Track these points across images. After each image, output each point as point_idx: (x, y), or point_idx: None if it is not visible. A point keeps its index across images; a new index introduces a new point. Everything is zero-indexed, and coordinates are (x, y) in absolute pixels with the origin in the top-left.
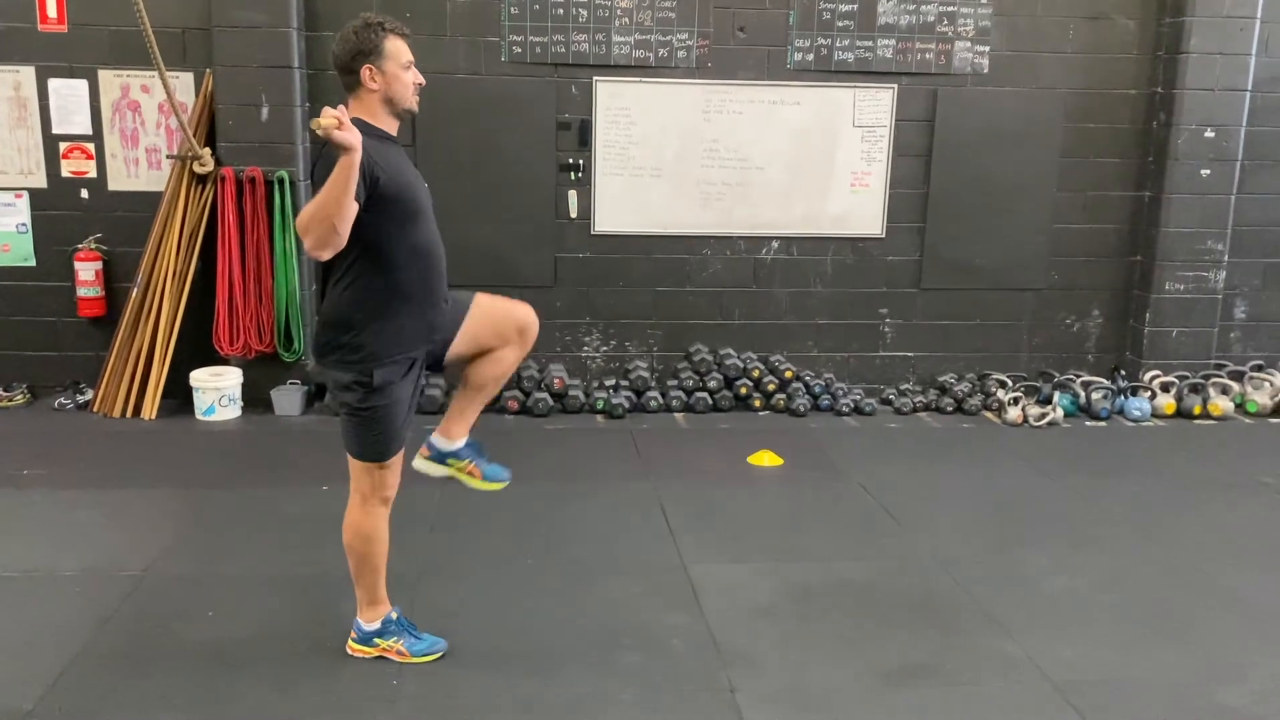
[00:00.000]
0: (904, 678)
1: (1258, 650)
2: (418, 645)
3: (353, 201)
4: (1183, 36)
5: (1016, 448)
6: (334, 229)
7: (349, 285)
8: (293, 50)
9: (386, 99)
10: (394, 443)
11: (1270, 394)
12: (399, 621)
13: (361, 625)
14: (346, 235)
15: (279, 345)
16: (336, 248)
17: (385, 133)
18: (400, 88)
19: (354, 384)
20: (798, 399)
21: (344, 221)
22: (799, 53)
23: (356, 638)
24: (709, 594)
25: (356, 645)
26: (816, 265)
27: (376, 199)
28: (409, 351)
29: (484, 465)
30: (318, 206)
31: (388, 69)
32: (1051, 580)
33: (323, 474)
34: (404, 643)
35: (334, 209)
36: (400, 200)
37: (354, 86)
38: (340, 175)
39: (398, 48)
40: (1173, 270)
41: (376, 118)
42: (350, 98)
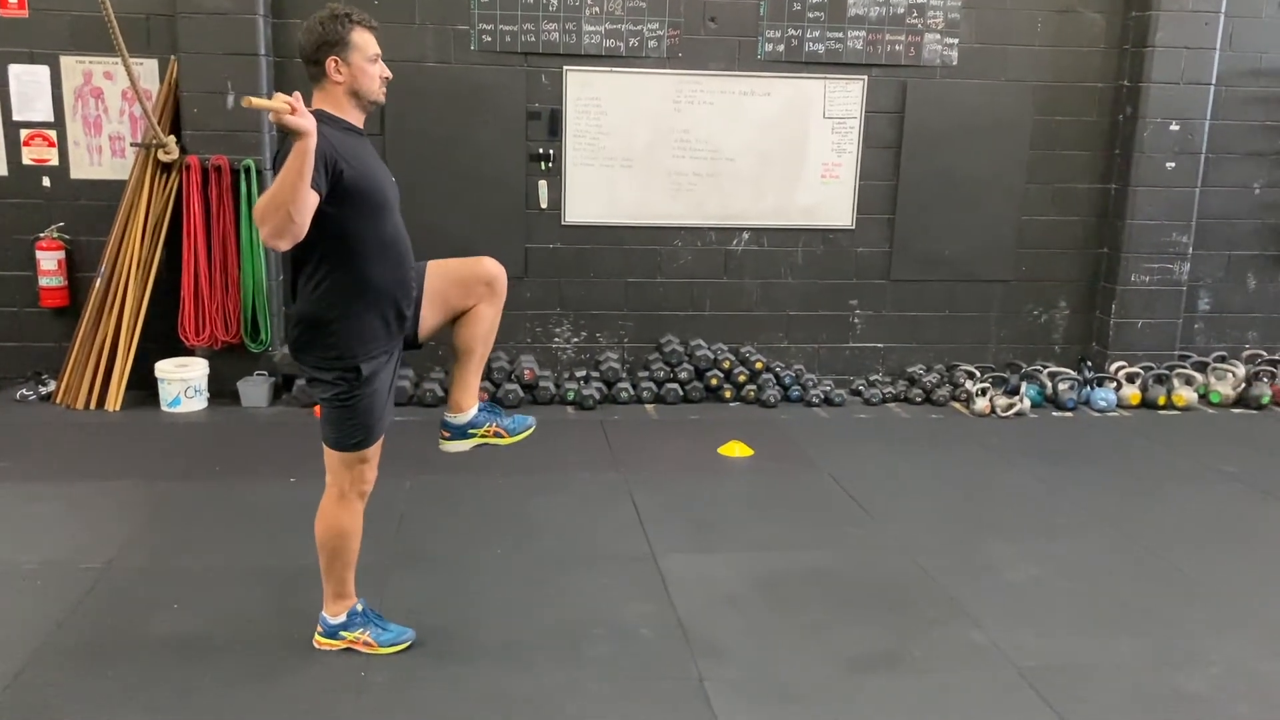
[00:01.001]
0: (871, 666)
1: (1217, 636)
2: (384, 635)
3: (311, 190)
4: (1149, 30)
5: (984, 438)
6: (290, 217)
7: (320, 281)
8: (259, 37)
9: (352, 91)
10: (374, 432)
11: (1233, 384)
12: (364, 613)
13: (327, 619)
14: (305, 225)
15: (245, 336)
16: (295, 238)
17: (350, 125)
18: (366, 80)
19: (336, 379)
20: (768, 390)
21: (300, 210)
22: (769, 43)
23: (323, 632)
24: (678, 584)
25: (323, 639)
26: (787, 256)
27: (341, 192)
28: (384, 344)
29: (505, 421)
30: (273, 194)
31: (354, 61)
32: (1017, 569)
33: (290, 466)
34: (370, 633)
35: (289, 195)
36: (366, 193)
37: (319, 78)
38: (294, 161)
39: (365, 40)
40: (1138, 262)
41: (342, 109)
42: (315, 89)
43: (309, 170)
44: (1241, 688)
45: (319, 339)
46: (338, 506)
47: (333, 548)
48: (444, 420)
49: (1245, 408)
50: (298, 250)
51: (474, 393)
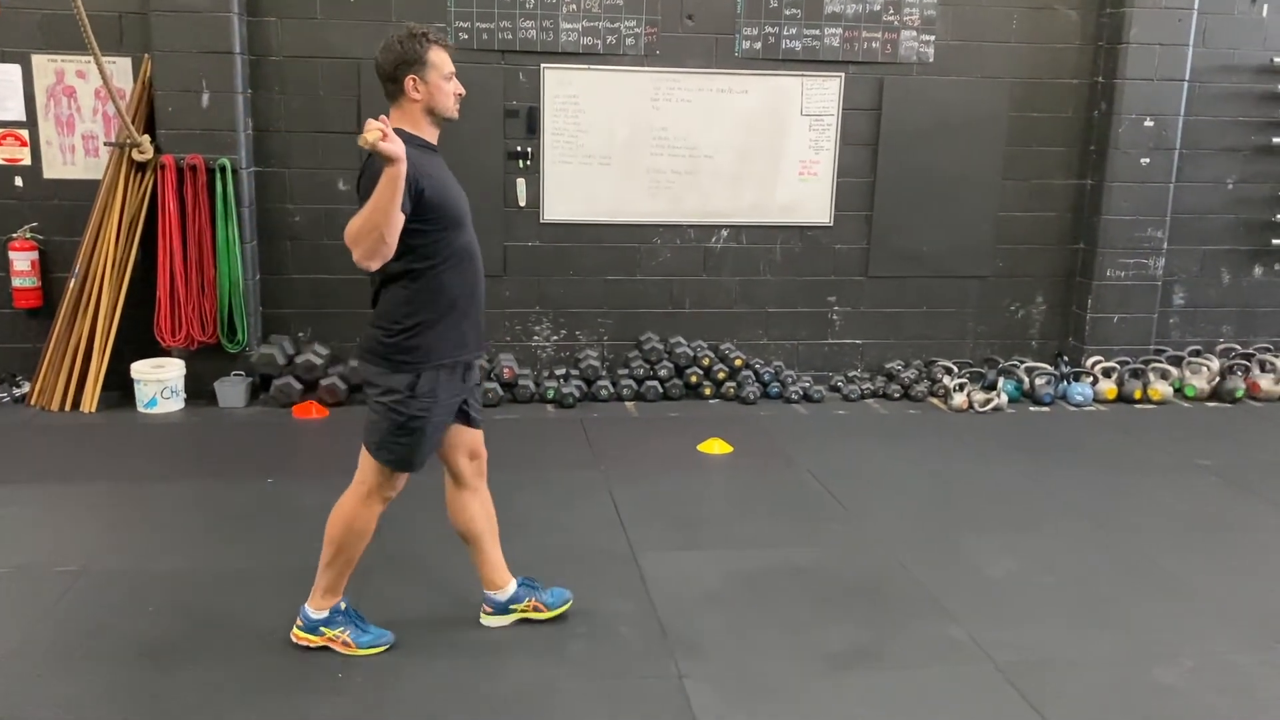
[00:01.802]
0: (849, 662)
1: (1192, 629)
2: (363, 637)
3: (399, 212)
4: (1123, 27)
5: (961, 433)
6: (382, 239)
7: (398, 289)
8: (234, 35)
9: (429, 109)
10: (423, 455)
11: (1207, 378)
12: (346, 612)
13: (309, 613)
14: (394, 245)
15: (222, 336)
16: (385, 258)
17: (426, 142)
18: (442, 98)
19: (404, 386)
20: (747, 387)
21: (392, 232)
22: (747, 41)
23: (303, 625)
24: (657, 581)
25: (302, 633)
26: (766, 253)
27: (422, 208)
28: (457, 355)
29: (543, 596)
30: (365, 219)
31: (431, 79)
32: (995, 564)
33: (267, 467)
34: (350, 633)
35: (381, 220)
36: (444, 208)
37: (396, 95)
38: (387, 187)
39: (441, 58)
40: (1113, 258)
41: (418, 127)
42: (392, 106)
43: (400, 195)
44: (1217, 680)
45: (394, 343)
46: (361, 505)
47: (342, 543)
48: (485, 594)
49: (1220, 401)
50: (384, 266)
51: (503, 567)
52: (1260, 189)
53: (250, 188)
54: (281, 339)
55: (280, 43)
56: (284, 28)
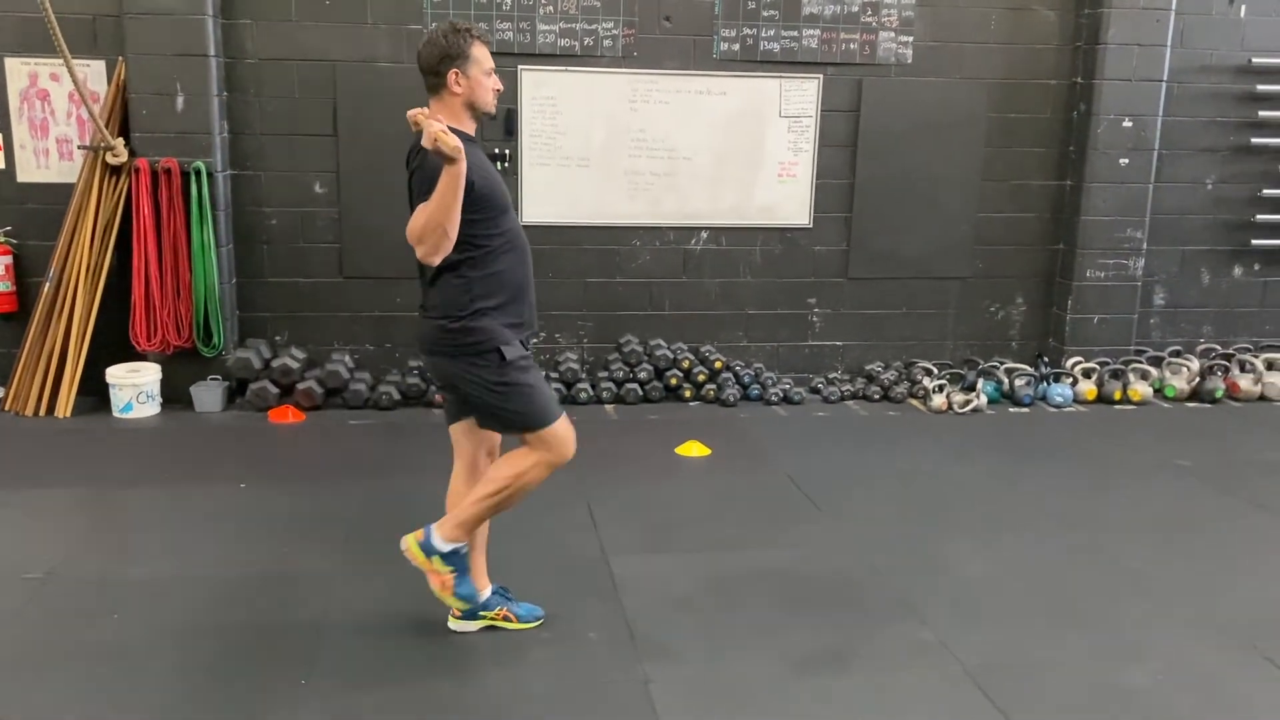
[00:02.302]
0: (817, 665)
1: (1161, 631)
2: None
3: (459, 209)
4: (1101, 27)
5: (940, 435)
6: (445, 234)
7: (454, 279)
8: (208, 38)
9: (469, 103)
10: (550, 402)
11: (1187, 378)
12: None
13: (434, 537)
14: (454, 239)
15: (198, 340)
16: (446, 252)
17: (468, 134)
18: (482, 92)
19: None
20: (727, 389)
21: (454, 228)
22: (725, 42)
23: (421, 541)
24: (628, 585)
25: (417, 548)
26: (745, 255)
27: (473, 199)
28: (520, 333)
29: (515, 608)
30: (429, 216)
31: (472, 74)
32: (967, 566)
33: (241, 471)
34: (455, 579)
35: (444, 217)
36: (491, 198)
37: (439, 89)
38: (450, 185)
39: (482, 54)
40: (1093, 258)
41: (459, 120)
42: (433, 99)
43: (461, 193)
44: (1184, 681)
45: (457, 326)
46: (533, 463)
47: (497, 496)
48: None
49: (1200, 401)
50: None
51: (484, 574)
52: (1239, 189)
53: (226, 191)
54: (258, 343)
55: (255, 45)
56: (259, 30)
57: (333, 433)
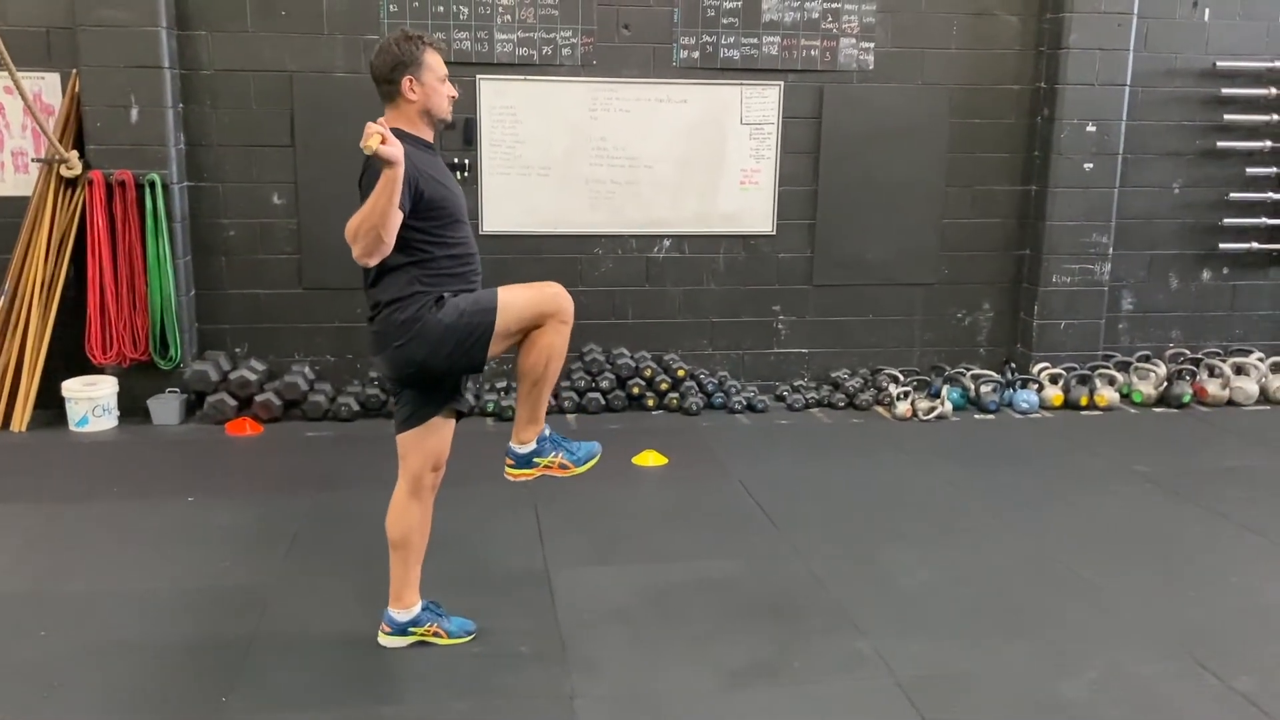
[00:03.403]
0: (748, 678)
1: (1103, 640)
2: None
3: (398, 210)
4: (1063, 32)
5: (902, 442)
6: (380, 238)
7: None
8: (162, 50)
9: (424, 110)
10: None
11: (1155, 384)
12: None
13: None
14: (392, 242)
15: (155, 353)
16: (383, 254)
17: (425, 141)
18: (438, 99)
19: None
20: (690, 397)
21: (389, 230)
22: (684, 50)
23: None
24: (567, 598)
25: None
26: (709, 263)
27: (421, 206)
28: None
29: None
30: (364, 217)
31: (427, 80)
32: (913, 575)
33: (193, 485)
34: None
35: (379, 219)
36: (443, 207)
37: (393, 96)
38: (385, 188)
39: (435, 61)
40: (1059, 263)
41: (415, 126)
42: (389, 107)
43: (397, 195)
44: (1118, 693)
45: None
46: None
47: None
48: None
49: (1167, 407)
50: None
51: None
52: (1206, 193)
53: (183, 203)
54: (217, 355)
55: (211, 56)
56: (215, 41)
57: (289, 445)
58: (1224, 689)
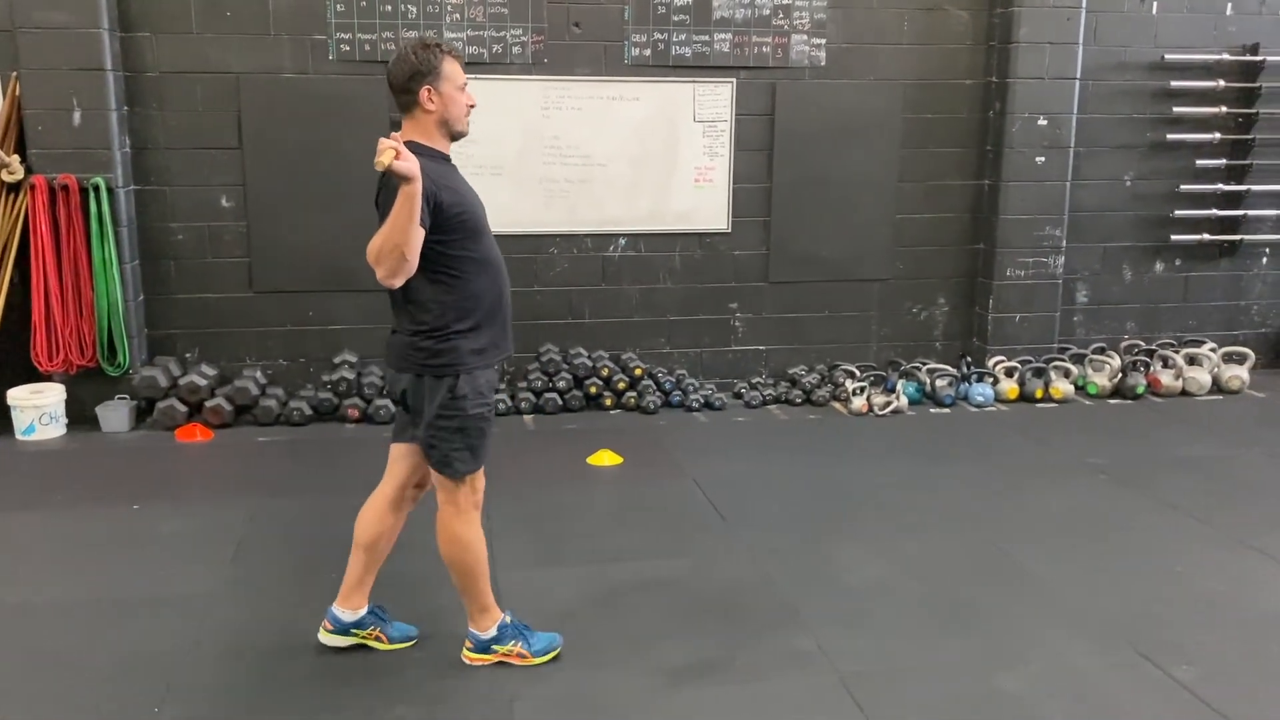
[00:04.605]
0: (690, 677)
1: (1044, 633)
2: (536, 645)
3: (419, 229)
4: (1013, 26)
5: (857, 438)
6: (404, 258)
7: (426, 300)
8: (104, 52)
9: (442, 120)
10: (487, 447)
11: (1109, 375)
12: (514, 625)
13: (477, 635)
14: (416, 262)
15: (102, 359)
16: (408, 273)
17: (441, 153)
18: (456, 109)
19: (449, 397)
20: (648, 396)
21: (413, 250)
22: (636, 48)
23: (473, 647)
24: (512, 600)
25: (474, 655)
26: (665, 261)
27: (441, 220)
28: (494, 357)
29: (388, 629)
30: (385, 237)
31: (445, 90)
32: (861, 571)
33: (139, 492)
34: (521, 645)
35: (402, 239)
36: (463, 219)
37: (411, 107)
38: (405, 205)
39: (454, 69)
40: (1013, 257)
41: (432, 139)
42: (405, 118)
43: (418, 212)
44: (1057, 685)
45: (426, 347)
46: (456, 522)
47: (462, 564)
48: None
49: (1121, 398)
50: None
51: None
52: (1158, 185)
53: (129, 207)
54: (167, 360)
55: (155, 58)
56: (159, 43)
57: (240, 451)
58: (1164, 679)
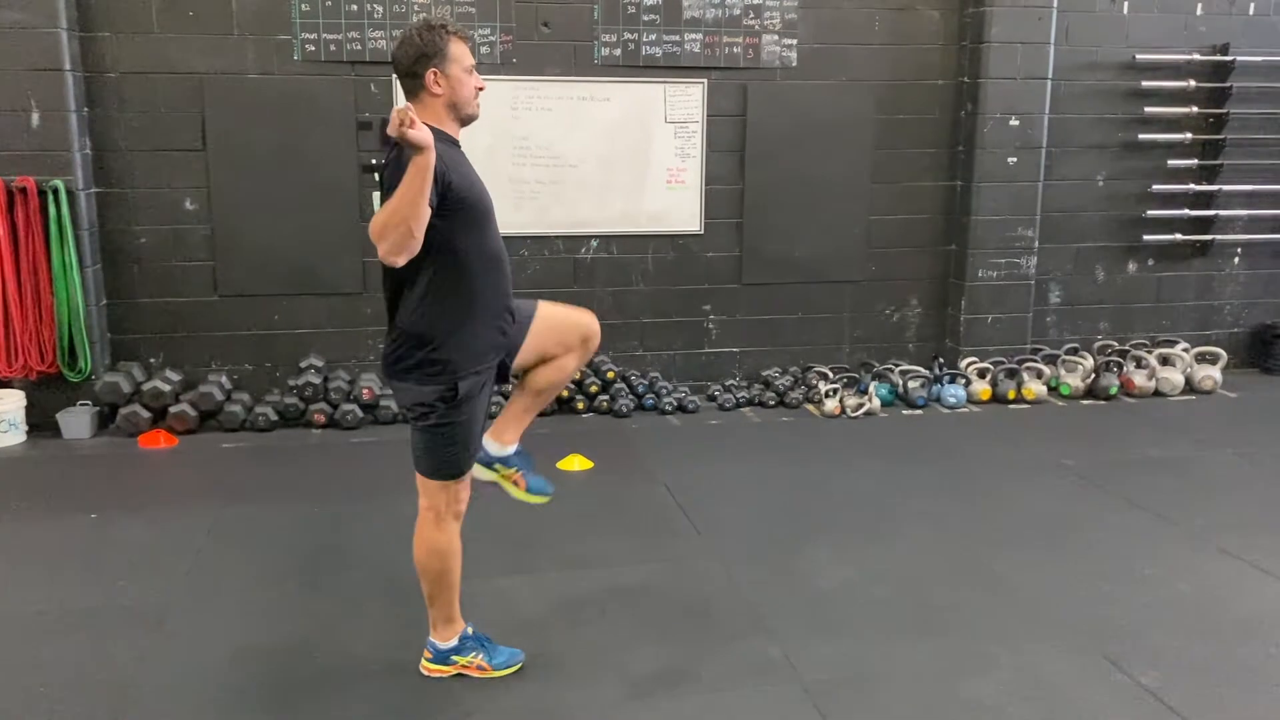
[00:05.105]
0: (652, 687)
1: (1014, 639)
2: (497, 659)
3: (427, 205)
4: (984, 26)
5: (829, 440)
6: (410, 233)
7: (425, 295)
8: (63, 52)
9: (450, 103)
10: (470, 456)
11: (1082, 376)
12: (475, 636)
13: (437, 645)
14: (421, 239)
15: (63, 365)
16: (412, 252)
17: (451, 137)
18: (464, 91)
19: (437, 400)
20: (620, 399)
21: (419, 225)
22: (606, 48)
23: (432, 657)
24: (476, 610)
25: (433, 665)
26: (638, 263)
27: (449, 204)
28: (487, 362)
29: (529, 476)
30: (392, 211)
31: (452, 72)
32: (830, 576)
33: (98, 500)
34: (482, 657)
35: (409, 212)
36: (471, 205)
37: (417, 90)
38: (415, 177)
39: (461, 51)
40: (985, 258)
41: (441, 122)
42: (413, 101)
43: (428, 186)
44: (1027, 692)
45: (422, 354)
46: (435, 529)
47: (437, 570)
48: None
49: (1094, 399)
50: (404, 266)
51: (521, 432)
52: (1130, 185)
53: (90, 209)
54: (131, 365)
55: (116, 58)
56: (120, 43)
57: (203, 457)
58: (1131, 685)
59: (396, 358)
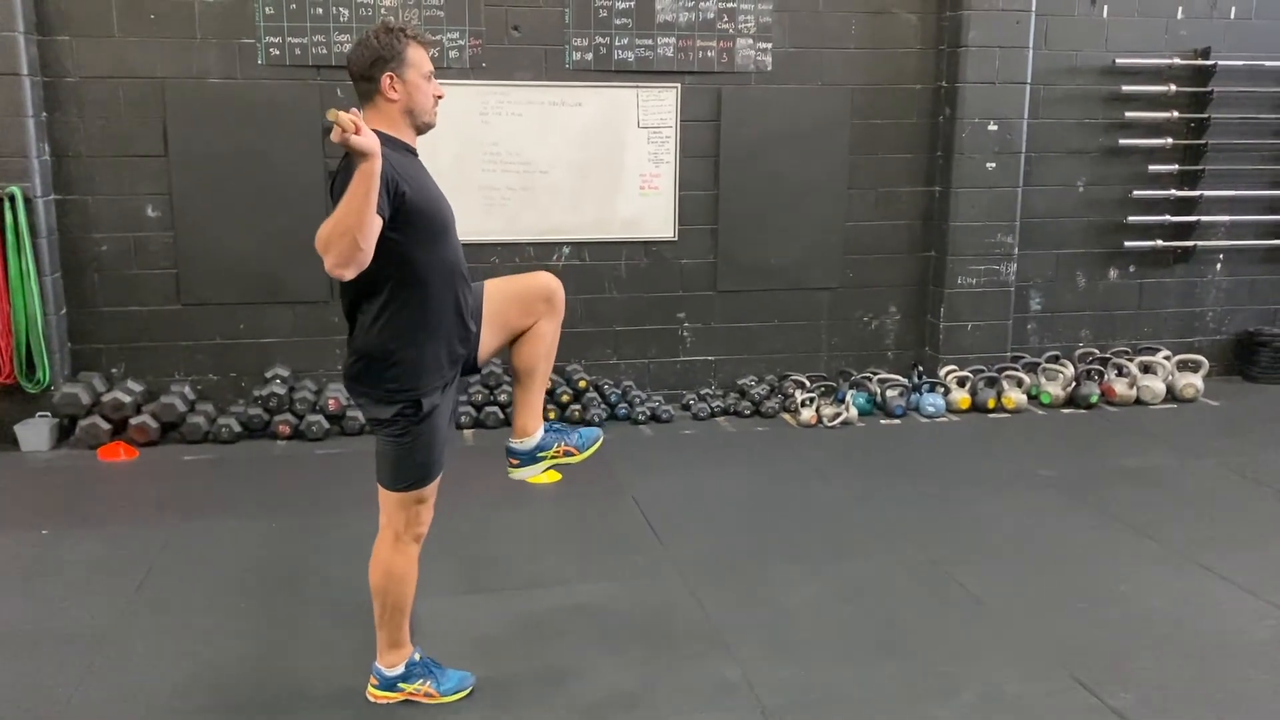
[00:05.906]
0: (605, 712)
1: (982, 658)
2: (445, 685)
3: (375, 215)
4: (962, 30)
5: (804, 450)
6: (356, 244)
7: (381, 310)
8: (20, 56)
9: (407, 110)
10: (432, 470)
11: (1063, 384)
12: (422, 662)
13: (383, 671)
14: (370, 252)
15: (20, 375)
16: (360, 265)
17: (406, 145)
18: (422, 98)
19: (397, 416)
20: (593, 409)
21: (366, 236)
22: (577, 52)
23: (378, 684)
24: (429, 631)
25: (378, 692)
26: (611, 270)
27: (403, 215)
28: (446, 375)
29: (573, 439)
30: (336, 221)
31: (409, 78)
32: (795, 593)
33: (52, 515)
34: (430, 684)
35: (354, 221)
36: (427, 216)
37: (372, 95)
38: (360, 184)
39: (420, 56)
40: (964, 264)
41: (396, 129)
42: (367, 107)
43: (375, 194)
44: (990, 714)
45: (380, 371)
46: (393, 550)
47: (387, 594)
48: (509, 447)
49: (1075, 407)
50: (357, 279)
51: (539, 414)
52: (1110, 191)
53: (49, 217)
54: (91, 376)
55: (76, 63)
56: (80, 47)
57: (164, 470)
58: (1100, 706)
59: (355, 375)
